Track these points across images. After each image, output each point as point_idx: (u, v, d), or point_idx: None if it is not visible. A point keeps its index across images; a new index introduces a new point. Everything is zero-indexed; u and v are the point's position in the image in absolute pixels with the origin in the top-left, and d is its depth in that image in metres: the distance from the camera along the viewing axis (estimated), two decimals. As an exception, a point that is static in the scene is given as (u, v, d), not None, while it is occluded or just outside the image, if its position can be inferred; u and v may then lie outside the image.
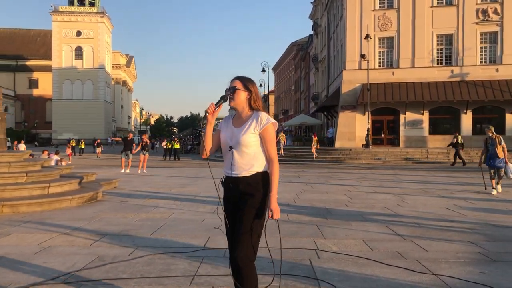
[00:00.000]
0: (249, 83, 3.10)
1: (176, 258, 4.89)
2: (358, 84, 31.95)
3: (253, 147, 2.99)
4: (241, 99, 3.06)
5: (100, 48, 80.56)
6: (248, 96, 3.07)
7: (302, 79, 65.09)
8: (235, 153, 3.01)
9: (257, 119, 3.01)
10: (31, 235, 5.99)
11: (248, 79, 3.14)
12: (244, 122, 3.05)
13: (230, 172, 3.04)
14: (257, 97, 3.10)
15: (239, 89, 3.06)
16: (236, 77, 3.14)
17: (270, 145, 3.01)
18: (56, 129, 77.72)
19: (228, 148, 3.05)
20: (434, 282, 4.12)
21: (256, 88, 3.12)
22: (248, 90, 3.07)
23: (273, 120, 3.03)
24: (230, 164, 3.03)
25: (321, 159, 26.37)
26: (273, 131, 3.02)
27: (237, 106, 3.07)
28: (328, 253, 5.16)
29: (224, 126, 3.16)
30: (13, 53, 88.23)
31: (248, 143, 2.98)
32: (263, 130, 2.98)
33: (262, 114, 3.04)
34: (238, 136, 3.00)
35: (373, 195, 10.54)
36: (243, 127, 3.02)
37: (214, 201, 9.37)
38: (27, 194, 8.52)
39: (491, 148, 11.00)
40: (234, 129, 3.06)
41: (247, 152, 2.99)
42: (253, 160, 3.00)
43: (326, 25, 45.23)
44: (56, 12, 78.98)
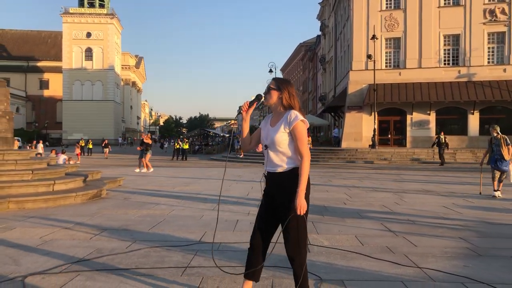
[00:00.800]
0: (282, 83, 3.25)
1: (171, 251, 5.07)
2: (364, 85, 31.97)
3: (285, 145, 3.13)
4: (273, 98, 3.21)
5: (110, 49, 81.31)
6: (280, 95, 3.19)
7: (310, 79, 65.14)
8: (270, 151, 3.18)
9: (287, 117, 3.13)
10: (34, 229, 6.21)
11: (283, 80, 3.30)
12: (277, 121, 3.20)
13: (267, 168, 3.23)
14: (290, 97, 3.19)
15: (272, 88, 3.22)
16: (273, 78, 3.32)
17: (300, 142, 3.09)
18: (66, 130, 78.55)
19: (264, 146, 3.24)
20: (417, 274, 4.25)
21: (291, 88, 3.23)
22: (279, 90, 3.19)
23: (302, 118, 3.12)
24: (267, 161, 3.22)
25: (327, 159, 26.44)
26: (302, 128, 3.11)
27: (270, 104, 3.24)
28: (319, 247, 5.30)
29: (263, 124, 3.33)
30: (24, 54, 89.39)
31: (280, 142, 3.12)
32: (292, 127, 3.09)
33: (292, 112, 3.14)
34: (271, 135, 3.16)
35: (373, 194, 10.65)
36: (276, 126, 3.17)
37: (215, 199, 9.55)
38: (32, 191, 8.76)
39: (496, 148, 10.22)
40: (270, 128, 3.22)
41: (280, 150, 3.14)
42: (286, 157, 3.14)
43: (333, 26, 45.27)
44: (66, 14, 79.86)
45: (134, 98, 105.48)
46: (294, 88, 3.29)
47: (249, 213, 7.72)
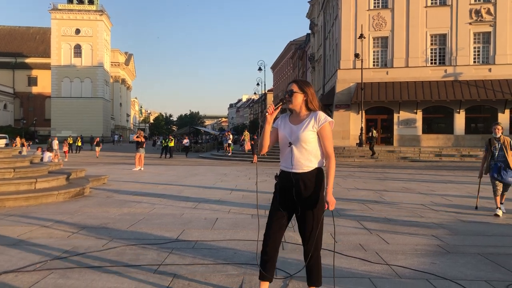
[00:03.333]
0: (305, 85, 3.32)
1: (147, 249, 5.13)
2: (352, 83, 32.18)
3: (312, 144, 3.22)
4: (298, 101, 3.28)
5: (99, 46, 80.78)
6: (305, 98, 3.28)
7: (299, 78, 65.30)
8: (295, 149, 3.23)
9: (316, 118, 3.23)
10: (11, 228, 6.23)
11: (304, 82, 3.37)
12: (302, 120, 3.27)
13: (290, 167, 3.25)
14: (313, 98, 3.30)
15: (296, 92, 3.28)
16: (293, 81, 3.38)
17: (327, 142, 3.22)
18: (55, 127, 77.94)
19: (287, 144, 3.27)
20: (385, 271, 4.37)
21: (312, 90, 3.33)
22: (304, 92, 3.28)
23: (330, 119, 3.25)
24: (290, 159, 3.25)
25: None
26: (330, 129, 3.24)
27: (295, 107, 3.29)
28: (293, 244, 5.40)
29: (281, 124, 3.38)
30: (12, 51, 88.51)
31: (307, 140, 3.20)
32: (321, 128, 3.21)
33: (320, 113, 3.27)
34: (297, 132, 3.23)
35: (354, 192, 10.78)
36: (302, 124, 3.25)
37: (197, 198, 9.62)
38: (14, 189, 8.76)
39: (499, 153, 7.77)
40: (293, 127, 3.28)
41: (306, 148, 3.22)
42: (311, 156, 3.23)
43: (322, 25, 45.44)
44: (55, 10, 79.17)
45: (124, 96, 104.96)
46: (314, 88, 3.41)
47: (229, 212, 7.81)
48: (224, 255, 4.90)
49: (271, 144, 3.41)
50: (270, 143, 3.39)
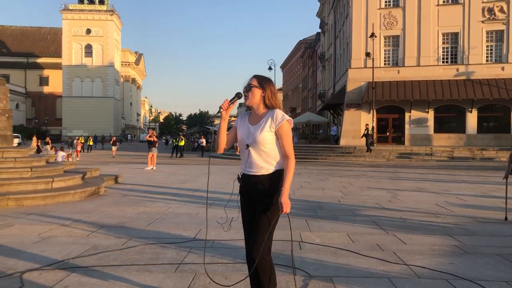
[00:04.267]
0: (265, 81, 3.11)
1: (166, 248, 5.20)
2: (363, 82, 32.06)
3: (270, 145, 3.02)
4: (255, 96, 3.07)
5: (110, 46, 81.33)
6: (263, 94, 3.08)
7: (309, 77, 65.18)
8: (252, 151, 3.04)
9: (273, 117, 3.02)
10: (32, 226, 6.33)
11: (264, 78, 3.15)
12: (259, 119, 3.07)
13: (248, 170, 3.07)
14: (272, 95, 3.10)
15: (254, 86, 3.07)
16: (253, 76, 3.16)
17: (286, 142, 3.02)
18: (66, 126, 78.67)
19: (245, 146, 3.08)
20: (403, 271, 4.38)
21: (272, 87, 3.12)
22: (263, 88, 3.08)
23: (288, 117, 3.04)
24: (247, 162, 3.07)
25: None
26: (288, 128, 3.04)
27: (252, 104, 3.09)
28: (310, 244, 5.43)
29: (240, 123, 3.19)
30: (24, 51, 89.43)
31: (265, 141, 3.00)
32: (278, 127, 3.00)
33: (277, 111, 3.05)
34: (254, 134, 3.03)
35: (368, 192, 10.77)
36: (259, 124, 3.05)
37: (211, 197, 9.67)
38: (31, 188, 8.88)
39: None
40: (251, 127, 3.09)
41: (264, 150, 3.02)
42: (270, 158, 3.03)
43: (332, 23, 45.32)
44: (66, 10, 79.85)
45: (134, 95, 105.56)
46: (274, 85, 3.21)
47: (244, 211, 7.84)
48: (243, 254, 4.88)
49: (229, 143, 3.25)
50: (228, 142, 3.23)
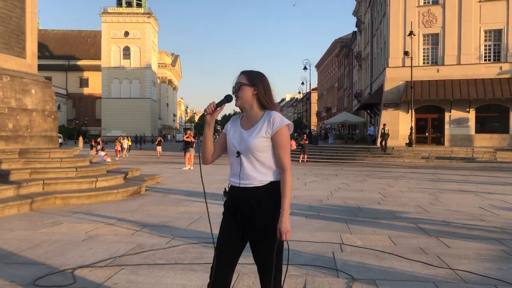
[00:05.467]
0: (255, 77, 2.64)
1: (208, 247, 5.29)
2: (401, 82, 31.46)
3: (265, 153, 2.56)
4: (246, 96, 2.60)
5: (147, 48, 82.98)
6: (255, 92, 2.60)
7: (345, 76, 64.53)
8: (244, 159, 2.57)
9: (269, 120, 2.56)
10: (79, 225, 6.57)
11: (254, 72, 2.67)
12: (254, 123, 2.61)
13: (238, 182, 2.59)
14: (266, 93, 2.63)
15: (243, 84, 2.60)
16: (241, 72, 2.69)
17: (282, 151, 2.54)
18: (105, 127, 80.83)
19: (235, 153, 2.62)
20: (449, 275, 4.30)
21: (266, 83, 2.65)
22: (254, 85, 2.60)
23: (287, 121, 2.58)
24: (239, 172, 2.59)
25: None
26: (287, 134, 2.56)
27: (244, 105, 2.62)
28: (352, 247, 5.40)
29: (231, 128, 2.72)
30: (65, 54, 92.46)
31: (259, 148, 2.54)
32: (275, 132, 2.53)
33: (275, 114, 2.59)
34: (247, 140, 2.56)
35: (408, 194, 10.58)
36: (254, 129, 2.58)
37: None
38: (76, 187, 9.20)
39: None
40: (243, 132, 2.62)
41: (257, 159, 2.56)
42: (265, 167, 2.57)
43: (369, 22, 44.70)
44: (105, 14, 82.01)
45: (170, 96, 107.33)
46: (269, 81, 2.70)
47: (283, 212, 7.86)
48: (284, 256, 4.96)
49: (218, 152, 2.76)
50: (216, 152, 2.75)
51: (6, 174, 8.58)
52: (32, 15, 11.13)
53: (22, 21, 10.87)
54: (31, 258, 4.79)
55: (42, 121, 11.04)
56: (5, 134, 9.95)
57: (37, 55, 11.57)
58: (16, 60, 10.72)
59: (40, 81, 11.35)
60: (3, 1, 10.19)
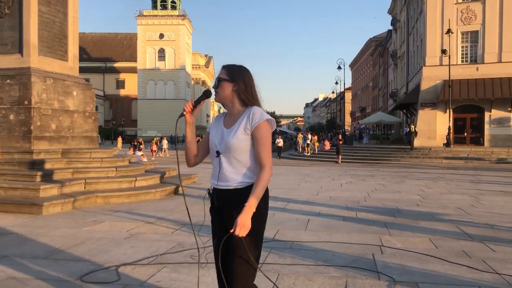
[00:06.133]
0: (236, 72, 2.51)
1: (247, 247, 5.32)
2: (439, 81, 30.71)
3: (245, 152, 2.43)
4: (226, 92, 2.49)
5: (181, 49, 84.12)
6: (235, 87, 2.48)
7: (380, 75, 63.54)
8: (224, 159, 2.46)
9: (249, 116, 2.43)
10: (120, 223, 6.74)
11: (236, 67, 2.54)
12: (235, 121, 2.49)
13: (217, 183, 2.50)
14: (247, 88, 2.49)
15: (223, 79, 2.49)
16: (222, 66, 2.57)
17: (262, 147, 2.39)
18: (141, 127, 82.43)
19: (215, 153, 2.51)
20: (496, 280, 4.17)
21: (247, 77, 2.51)
22: (234, 81, 2.47)
23: (268, 116, 2.44)
24: (218, 173, 2.49)
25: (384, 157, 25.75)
26: (267, 130, 2.42)
27: (222, 101, 2.51)
28: (392, 249, 5.32)
29: (213, 126, 2.61)
30: (102, 56, 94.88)
31: (239, 147, 2.41)
32: (255, 128, 2.40)
33: (255, 109, 2.45)
34: (227, 139, 2.45)
35: (448, 196, 10.33)
36: (233, 127, 2.46)
37: (285, 198, 9.73)
38: (116, 187, 9.43)
39: None
40: (225, 130, 2.51)
41: (237, 159, 2.44)
42: (245, 168, 2.45)
43: (405, 20, 43.86)
44: (141, 16, 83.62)
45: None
46: (252, 76, 2.56)
47: (319, 213, 7.83)
48: (323, 257, 4.95)
49: (202, 154, 2.65)
50: (200, 153, 2.65)
51: (50, 174, 8.88)
52: (74, 20, 11.49)
53: (64, 26, 11.23)
54: (77, 254, 4.95)
55: (83, 122, 11.38)
56: (48, 134, 10.31)
57: (78, 58, 11.92)
58: (59, 63, 11.09)
59: (81, 83, 11.70)
60: (47, 7, 10.57)
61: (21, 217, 7.13)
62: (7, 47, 10.23)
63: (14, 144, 9.88)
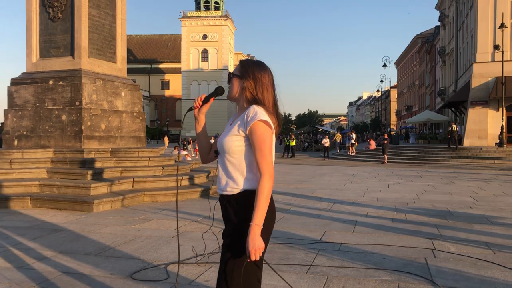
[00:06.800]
0: (248, 67, 2.29)
1: (294, 248, 5.25)
2: (490, 78, 29.41)
3: (237, 154, 2.21)
4: (235, 89, 2.30)
5: (224, 50, 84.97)
6: (242, 84, 2.27)
7: (427, 73, 61.70)
8: (220, 161, 2.29)
9: (245, 115, 2.19)
10: (168, 222, 6.83)
11: (249, 63, 2.33)
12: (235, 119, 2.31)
13: (217, 186, 2.34)
14: (258, 86, 2.25)
15: (234, 75, 2.31)
16: (240, 61, 2.41)
17: (257, 151, 2.14)
18: (185, 127, 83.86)
19: (214, 152, 2.37)
20: (562, 289, 3.91)
21: (259, 74, 2.27)
22: (243, 78, 2.27)
23: (263, 117, 2.16)
24: (218, 176, 2.33)
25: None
26: (263, 132, 2.15)
27: (232, 99, 2.33)
28: (445, 253, 5.10)
29: (228, 123, 2.41)
30: (148, 57, 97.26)
31: (231, 148, 2.20)
32: (249, 129, 2.16)
33: (252, 108, 2.20)
34: (221, 138, 2.28)
35: (503, 198, 9.84)
36: (231, 126, 2.27)
37: (330, 199, 9.58)
38: (163, 185, 9.59)
39: None
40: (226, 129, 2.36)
41: (231, 161, 2.22)
42: (238, 173, 2.21)
43: (454, 15, 42.33)
44: (185, 18, 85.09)
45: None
46: (268, 73, 2.31)
47: (367, 214, 7.65)
48: (373, 260, 4.81)
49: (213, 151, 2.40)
50: (212, 151, 2.42)
51: (100, 172, 9.14)
52: (122, 22, 11.78)
53: (113, 28, 11.54)
54: (127, 252, 5.05)
55: (131, 122, 11.65)
56: (98, 134, 10.62)
57: (126, 59, 12.22)
58: (108, 65, 11.41)
59: (129, 84, 11.99)
60: (97, 10, 10.89)
61: (73, 214, 7.37)
62: (59, 50, 10.63)
63: (66, 144, 10.24)
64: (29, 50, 10.79)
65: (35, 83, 10.56)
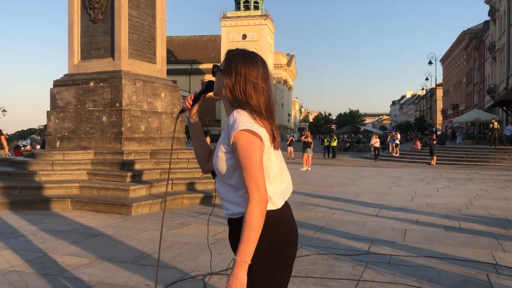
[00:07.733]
0: (232, 59, 1.84)
1: (339, 260, 4.89)
2: (545, 74, 27.77)
3: (236, 173, 1.80)
4: (217, 85, 1.89)
5: (263, 49, 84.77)
6: (227, 81, 1.83)
7: (475, 70, 59.26)
8: (216, 184, 1.94)
9: (228, 124, 1.80)
10: (206, 227, 6.60)
11: (237, 54, 1.87)
12: None
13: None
14: (241, 82, 1.80)
15: (217, 69, 1.89)
16: (226, 51, 1.95)
17: (243, 170, 1.72)
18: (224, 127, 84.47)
19: None
20: None
21: (245, 69, 1.81)
22: (228, 73, 1.83)
23: (244, 125, 1.72)
24: None
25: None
26: (247, 145, 1.71)
27: (220, 97, 1.88)
28: (510, 269, 4.60)
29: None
30: (188, 58, 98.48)
31: (223, 168, 1.82)
32: (232, 141, 1.74)
33: (232, 114, 1.80)
34: (215, 155, 1.87)
35: None
36: (220, 138, 1.88)
37: (376, 204, 9.11)
38: (202, 188, 9.40)
39: None
40: None
41: (229, 184, 1.84)
42: (238, 194, 1.82)
43: (506, 9, 40.31)
44: (224, 18, 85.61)
45: (285, 96, 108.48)
46: (258, 67, 1.85)
47: (417, 222, 7.15)
48: (427, 275, 4.38)
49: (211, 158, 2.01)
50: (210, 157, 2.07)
51: (139, 174, 9.06)
52: (162, 22, 11.70)
53: (152, 29, 11.48)
54: (163, 260, 4.82)
55: (170, 123, 11.56)
56: (138, 135, 10.57)
57: (165, 60, 12.15)
58: (148, 66, 11.35)
59: (169, 85, 11.91)
60: (136, 11, 10.85)
61: (112, 218, 7.27)
62: (100, 51, 10.65)
63: (106, 145, 10.24)
64: (71, 52, 10.87)
65: (76, 84, 10.62)
